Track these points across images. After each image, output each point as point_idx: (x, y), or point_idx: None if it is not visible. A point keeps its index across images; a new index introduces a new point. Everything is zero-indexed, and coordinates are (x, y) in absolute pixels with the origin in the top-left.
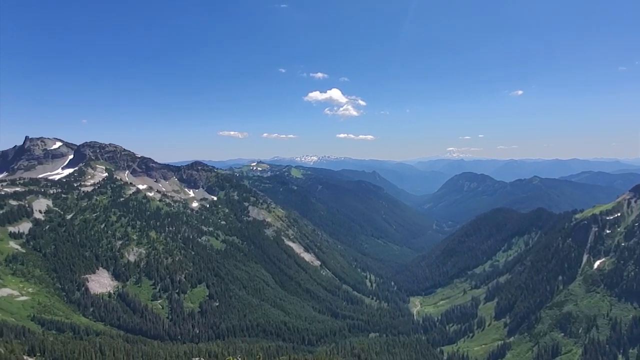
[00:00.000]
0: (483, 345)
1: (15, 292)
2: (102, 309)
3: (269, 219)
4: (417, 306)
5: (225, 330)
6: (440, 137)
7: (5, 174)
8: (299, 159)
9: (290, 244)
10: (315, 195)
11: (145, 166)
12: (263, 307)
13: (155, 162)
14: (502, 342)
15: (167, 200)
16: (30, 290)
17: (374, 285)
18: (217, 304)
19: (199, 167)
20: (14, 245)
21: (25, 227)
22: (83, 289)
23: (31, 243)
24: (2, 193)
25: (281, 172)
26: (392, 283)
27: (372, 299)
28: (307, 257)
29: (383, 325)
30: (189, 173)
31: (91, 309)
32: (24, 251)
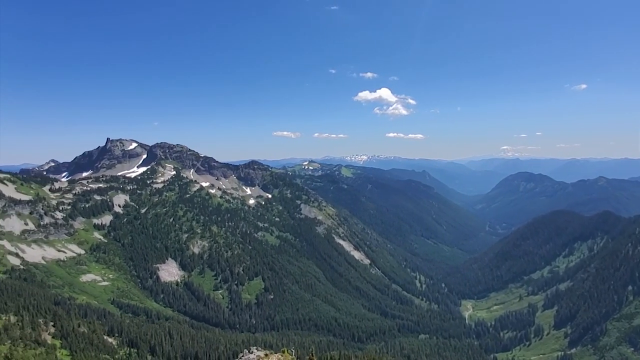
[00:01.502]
0: (541, 356)
1: (98, 278)
2: (170, 296)
3: (320, 217)
4: (469, 310)
5: (280, 322)
6: (493, 135)
7: (90, 172)
8: (349, 158)
9: (341, 241)
10: (365, 194)
11: (208, 165)
12: (314, 302)
13: (217, 161)
14: (562, 353)
15: (227, 197)
16: (110, 276)
17: (423, 286)
18: (272, 296)
19: (255, 166)
20: (97, 235)
21: (107, 219)
22: (155, 277)
23: (112, 234)
24: (88, 189)
25: (332, 171)
26: (443, 285)
27: (422, 299)
28: (357, 255)
29: (433, 327)
30: (246, 172)
31: (161, 296)
32: (105, 241)
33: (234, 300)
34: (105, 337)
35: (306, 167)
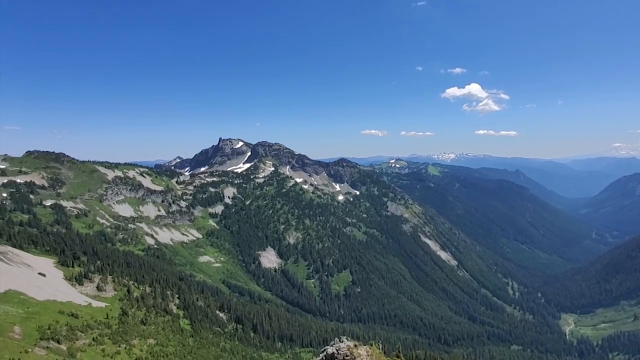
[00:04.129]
0: None
1: (212, 260)
2: (269, 280)
3: (406, 215)
4: (569, 325)
5: (366, 315)
6: (602, 131)
7: (206, 167)
8: (436, 156)
9: (427, 240)
10: (452, 193)
11: (301, 162)
12: (400, 300)
13: (309, 159)
14: None
15: (318, 193)
16: (222, 259)
17: (516, 293)
18: (359, 290)
19: (344, 164)
20: (211, 222)
21: (219, 209)
22: (257, 262)
23: (223, 222)
24: (205, 182)
25: (418, 169)
26: (539, 294)
27: (515, 308)
28: (444, 255)
29: (527, 339)
30: (336, 169)
31: (262, 280)
32: (218, 228)
33: (324, 290)
34: (217, 312)
35: (393, 165)
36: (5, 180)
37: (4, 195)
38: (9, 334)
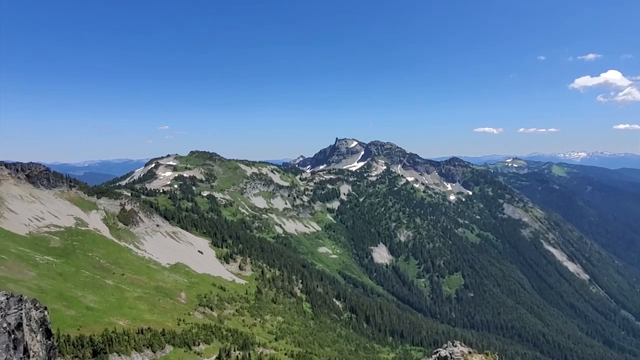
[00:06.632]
0: None
1: (329, 251)
2: (381, 275)
3: (525, 219)
4: None
5: (479, 322)
6: None
7: (324, 165)
8: (561, 155)
9: (550, 249)
10: (582, 198)
11: (412, 161)
12: (518, 310)
13: (420, 158)
14: None
15: (429, 192)
16: (338, 251)
17: None
18: (472, 295)
19: (456, 163)
20: (329, 217)
21: (335, 204)
22: (369, 257)
23: (339, 217)
24: (323, 179)
25: (540, 169)
26: None
27: None
28: (571, 267)
29: None
30: (447, 168)
31: (374, 274)
32: (334, 222)
33: (435, 290)
34: (334, 299)
35: (509, 164)
36: (176, 175)
37: (175, 186)
38: (177, 299)
